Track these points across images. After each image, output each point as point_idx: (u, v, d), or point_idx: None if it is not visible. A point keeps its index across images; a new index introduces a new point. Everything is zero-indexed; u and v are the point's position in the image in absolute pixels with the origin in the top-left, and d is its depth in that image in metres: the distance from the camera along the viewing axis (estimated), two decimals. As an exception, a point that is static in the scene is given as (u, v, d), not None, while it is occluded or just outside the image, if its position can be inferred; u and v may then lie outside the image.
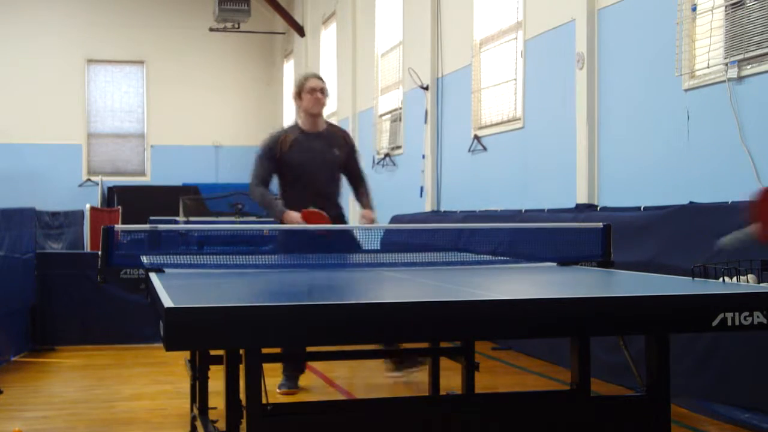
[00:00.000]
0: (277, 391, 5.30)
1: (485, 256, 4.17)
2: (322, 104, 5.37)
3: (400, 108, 11.35)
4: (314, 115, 5.38)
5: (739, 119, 5.20)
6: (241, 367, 2.62)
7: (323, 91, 5.38)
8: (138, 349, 7.11)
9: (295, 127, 5.43)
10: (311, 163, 5.29)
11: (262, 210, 5.30)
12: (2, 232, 6.38)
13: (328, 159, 5.35)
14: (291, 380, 5.38)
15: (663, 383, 2.86)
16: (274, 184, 5.46)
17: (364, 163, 5.96)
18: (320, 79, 5.48)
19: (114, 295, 7.16)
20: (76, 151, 18.91)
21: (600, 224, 3.98)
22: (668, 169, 5.90)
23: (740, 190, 5.08)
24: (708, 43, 5.48)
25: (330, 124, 5.59)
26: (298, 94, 5.40)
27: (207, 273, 3.51)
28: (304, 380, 5.67)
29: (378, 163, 11.98)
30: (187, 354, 4.36)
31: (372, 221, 5.34)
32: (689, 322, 2.45)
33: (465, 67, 9.31)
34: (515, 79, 8.28)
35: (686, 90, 5.69)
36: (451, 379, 5.10)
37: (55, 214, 10.45)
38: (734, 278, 2.92)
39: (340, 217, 5.38)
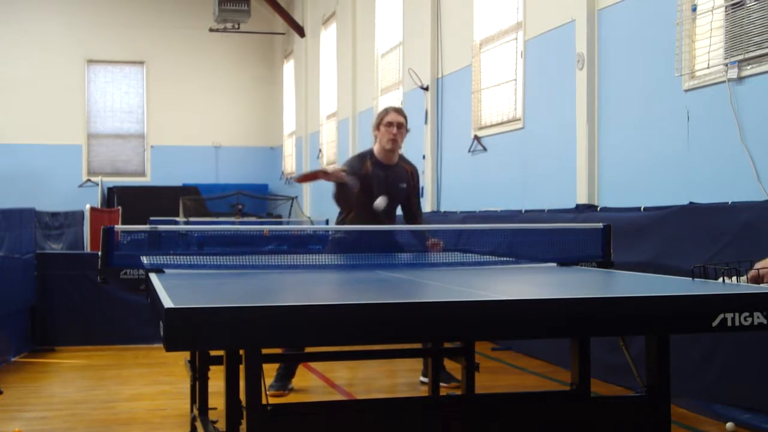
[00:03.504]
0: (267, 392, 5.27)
1: (485, 256, 4.16)
2: (396, 141, 5.43)
3: (400, 108, 11.34)
4: (388, 151, 5.45)
5: (739, 120, 5.19)
6: (241, 367, 2.62)
7: (401, 125, 5.42)
8: (138, 349, 7.12)
9: (372, 154, 5.50)
10: (379, 192, 5.35)
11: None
12: (2, 232, 6.39)
13: (394, 192, 5.43)
14: (281, 380, 5.35)
15: (663, 383, 2.86)
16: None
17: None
18: (400, 113, 5.50)
19: (114, 295, 7.17)
20: (76, 152, 18.91)
21: (600, 224, 3.98)
22: (668, 169, 5.90)
23: (740, 191, 5.09)
24: (708, 43, 5.48)
25: (402, 158, 5.64)
26: (377, 126, 5.48)
27: (207, 273, 3.50)
28: (304, 381, 5.68)
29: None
30: (187, 354, 4.36)
31: (441, 248, 5.14)
32: (689, 322, 2.45)
33: (465, 68, 9.30)
34: (515, 80, 8.28)
35: (686, 90, 5.69)
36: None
37: (55, 215, 10.47)
38: (734, 278, 2.91)
39: (395, 244, 5.27)
